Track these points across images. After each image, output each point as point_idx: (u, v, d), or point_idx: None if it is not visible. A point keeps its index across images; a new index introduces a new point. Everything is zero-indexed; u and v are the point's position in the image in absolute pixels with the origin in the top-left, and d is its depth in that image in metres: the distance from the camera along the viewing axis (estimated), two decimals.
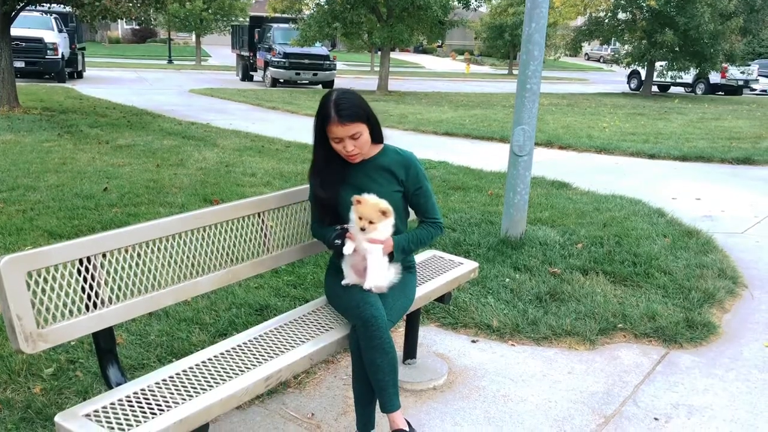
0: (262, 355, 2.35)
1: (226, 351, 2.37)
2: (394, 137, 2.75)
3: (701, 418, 2.93)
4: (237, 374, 2.21)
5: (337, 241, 2.57)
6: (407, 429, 2.48)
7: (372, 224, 2.48)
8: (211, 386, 2.13)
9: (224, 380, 2.17)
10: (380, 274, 2.56)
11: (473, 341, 3.61)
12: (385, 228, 2.54)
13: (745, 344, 3.70)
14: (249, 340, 2.46)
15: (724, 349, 3.62)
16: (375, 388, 2.45)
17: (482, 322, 3.74)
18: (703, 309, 4.03)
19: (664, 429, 2.84)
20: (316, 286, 4.12)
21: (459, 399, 3.02)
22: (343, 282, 2.63)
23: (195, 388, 2.11)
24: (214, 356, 2.33)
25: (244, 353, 2.36)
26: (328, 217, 2.68)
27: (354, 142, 2.52)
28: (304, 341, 2.47)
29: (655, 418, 2.92)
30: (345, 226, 2.59)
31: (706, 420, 2.93)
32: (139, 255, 2.29)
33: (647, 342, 3.67)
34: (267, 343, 2.45)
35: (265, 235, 2.75)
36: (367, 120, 2.54)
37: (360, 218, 2.47)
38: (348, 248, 2.54)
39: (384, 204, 2.49)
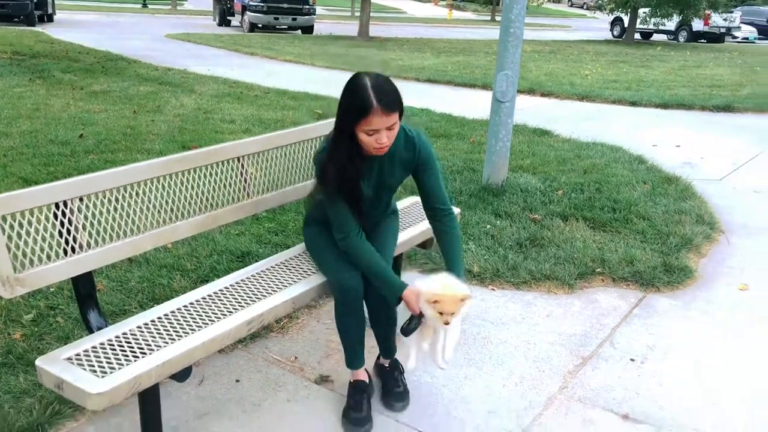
0: (245, 300, 2.35)
1: (208, 295, 2.36)
2: None
3: (676, 359, 3.01)
4: (219, 318, 2.21)
5: (413, 331, 2.34)
6: (367, 381, 2.55)
7: (454, 314, 2.27)
8: (194, 330, 2.12)
9: (206, 324, 2.17)
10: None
11: None
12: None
13: (720, 288, 3.77)
14: (231, 285, 2.45)
15: (700, 293, 3.69)
16: (343, 345, 2.49)
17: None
18: (680, 254, 4.09)
19: (640, 369, 2.91)
20: (297, 233, 4.11)
21: None
22: (408, 366, 2.45)
23: (177, 331, 2.11)
24: (196, 300, 2.32)
25: (226, 297, 2.36)
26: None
27: (388, 134, 2.23)
28: (286, 286, 2.47)
29: (632, 359, 2.99)
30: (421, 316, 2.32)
31: (681, 360, 3.00)
32: (117, 199, 2.25)
33: (625, 286, 3.73)
34: (249, 288, 2.44)
35: (245, 180, 2.71)
36: (401, 108, 2.27)
37: (441, 313, 2.26)
38: (411, 363, 2.42)
39: (461, 291, 2.28)
